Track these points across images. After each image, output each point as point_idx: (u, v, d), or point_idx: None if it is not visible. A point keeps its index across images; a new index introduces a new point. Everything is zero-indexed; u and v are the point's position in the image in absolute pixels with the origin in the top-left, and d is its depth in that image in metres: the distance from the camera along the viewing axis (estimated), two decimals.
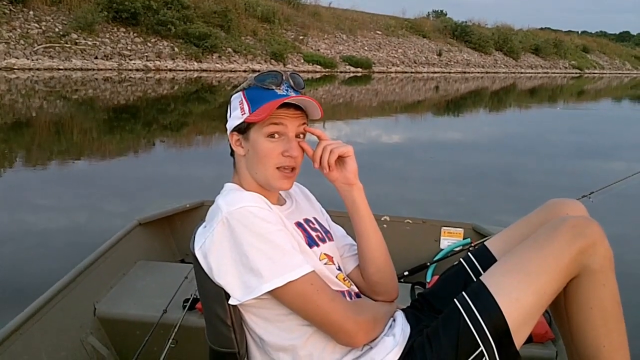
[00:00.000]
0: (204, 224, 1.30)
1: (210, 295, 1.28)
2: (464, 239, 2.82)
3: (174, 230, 2.91)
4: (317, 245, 1.36)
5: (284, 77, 1.30)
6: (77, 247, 3.34)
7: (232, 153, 1.36)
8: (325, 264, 1.34)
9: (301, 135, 1.32)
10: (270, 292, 1.19)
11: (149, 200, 3.24)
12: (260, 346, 1.31)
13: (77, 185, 5.34)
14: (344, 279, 1.38)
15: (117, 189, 5.15)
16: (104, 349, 2.03)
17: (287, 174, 1.29)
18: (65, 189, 5.20)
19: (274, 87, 1.28)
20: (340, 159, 1.37)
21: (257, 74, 1.33)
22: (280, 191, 1.40)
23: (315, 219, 1.44)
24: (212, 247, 1.22)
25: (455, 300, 1.29)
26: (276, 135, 1.27)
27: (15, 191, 5.00)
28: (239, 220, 1.19)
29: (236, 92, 1.34)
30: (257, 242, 1.18)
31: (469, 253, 1.55)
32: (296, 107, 1.29)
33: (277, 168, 1.28)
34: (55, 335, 1.87)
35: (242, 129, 1.30)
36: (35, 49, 15.27)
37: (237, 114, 1.31)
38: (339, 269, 1.39)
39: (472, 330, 1.23)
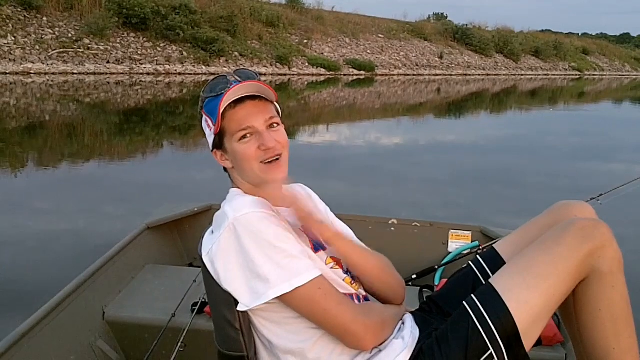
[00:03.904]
0: (211, 229, 1.31)
1: (218, 300, 1.28)
2: (472, 241, 2.80)
3: (182, 234, 2.90)
4: (324, 249, 1.35)
5: (229, 78, 1.28)
6: (85, 251, 3.37)
7: (225, 169, 1.36)
8: (331, 267, 1.33)
9: (275, 125, 1.29)
10: (278, 297, 1.19)
11: (157, 202, 3.28)
12: (269, 349, 1.30)
13: (87, 187, 5.42)
14: (351, 282, 1.36)
15: (125, 192, 5.24)
16: (112, 352, 2.03)
17: (273, 162, 1.28)
18: (75, 191, 5.27)
19: (224, 92, 1.25)
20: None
21: (205, 86, 1.32)
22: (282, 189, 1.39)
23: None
24: (219, 253, 1.22)
25: (464, 303, 1.29)
26: (248, 136, 1.26)
27: (28, 193, 5.12)
28: (245, 226, 1.20)
29: (199, 116, 1.33)
30: (263, 247, 1.18)
31: (477, 256, 1.54)
32: (253, 98, 1.27)
33: (262, 162, 1.28)
34: (65, 339, 1.87)
35: (218, 144, 1.30)
36: (50, 54, 15.72)
37: (209, 133, 1.31)
38: (346, 272, 1.38)
39: (481, 333, 1.23)
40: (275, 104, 1.33)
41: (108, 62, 16.81)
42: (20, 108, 10.62)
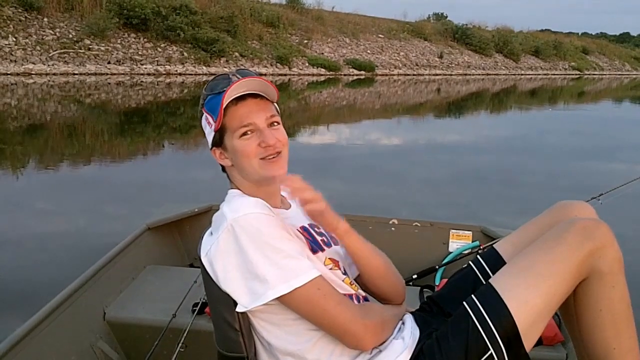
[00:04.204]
0: (210, 230, 1.31)
1: (218, 301, 1.28)
2: (472, 241, 2.79)
3: (183, 234, 2.91)
4: (322, 250, 1.35)
5: (231, 76, 1.28)
6: (86, 252, 3.38)
7: (223, 169, 1.36)
8: (330, 269, 1.33)
9: (275, 123, 1.30)
10: (277, 298, 1.19)
11: (157, 203, 3.28)
12: (268, 350, 1.30)
13: (88, 188, 5.45)
14: (350, 282, 1.36)
15: (125, 193, 5.26)
16: (113, 353, 2.03)
17: (272, 159, 1.28)
18: (76, 191, 5.29)
19: (225, 89, 1.24)
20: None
21: (207, 85, 1.32)
22: (281, 189, 1.39)
23: None
24: (217, 254, 1.22)
25: (464, 303, 1.29)
26: (248, 133, 1.26)
27: (29, 194, 5.14)
28: (243, 227, 1.19)
29: (200, 114, 1.33)
30: (262, 248, 1.18)
31: (477, 256, 1.54)
32: (254, 97, 1.28)
33: (261, 159, 1.27)
34: (65, 339, 1.87)
35: (218, 142, 1.30)
36: (50, 54, 15.75)
37: (209, 131, 1.31)
38: (345, 273, 1.38)
39: (481, 333, 1.23)
40: (275, 104, 1.34)
41: (109, 63, 16.84)
42: (21, 109, 10.64)
